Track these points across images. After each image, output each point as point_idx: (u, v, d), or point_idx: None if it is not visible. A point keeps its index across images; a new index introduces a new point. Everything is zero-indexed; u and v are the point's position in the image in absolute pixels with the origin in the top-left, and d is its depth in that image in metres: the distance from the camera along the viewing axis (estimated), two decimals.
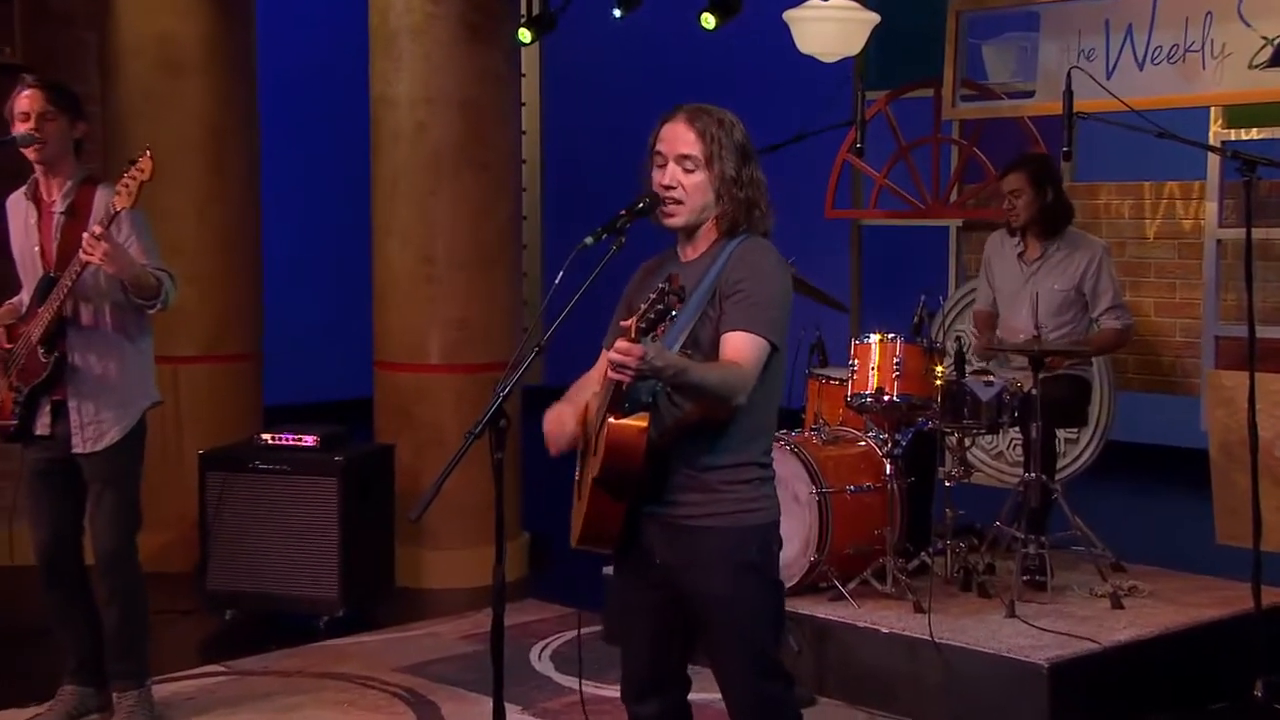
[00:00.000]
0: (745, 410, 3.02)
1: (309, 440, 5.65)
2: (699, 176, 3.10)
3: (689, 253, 3.19)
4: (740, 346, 3.00)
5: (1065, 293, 5.53)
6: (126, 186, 4.12)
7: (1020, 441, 5.62)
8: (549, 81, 10.76)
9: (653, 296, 2.85)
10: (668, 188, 3.11)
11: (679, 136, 3.11)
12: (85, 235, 4.10)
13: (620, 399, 2.93)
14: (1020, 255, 5.67)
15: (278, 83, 8.08)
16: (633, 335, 2.85)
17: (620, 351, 2.83)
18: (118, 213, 4.12)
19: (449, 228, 6.22)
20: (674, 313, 2.88)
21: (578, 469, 3.24)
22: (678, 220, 3.13)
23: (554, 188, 10.79)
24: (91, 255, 4.08)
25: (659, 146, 3.14)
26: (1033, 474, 5.13)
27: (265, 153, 6.85)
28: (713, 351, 3.03)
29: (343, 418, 6.32)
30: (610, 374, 2.90)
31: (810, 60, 6.57)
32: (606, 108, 10.56)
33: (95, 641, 4.48)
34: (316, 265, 10.11)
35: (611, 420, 2.94)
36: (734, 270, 3.06)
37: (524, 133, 7.64)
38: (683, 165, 3.11)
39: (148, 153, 4.13)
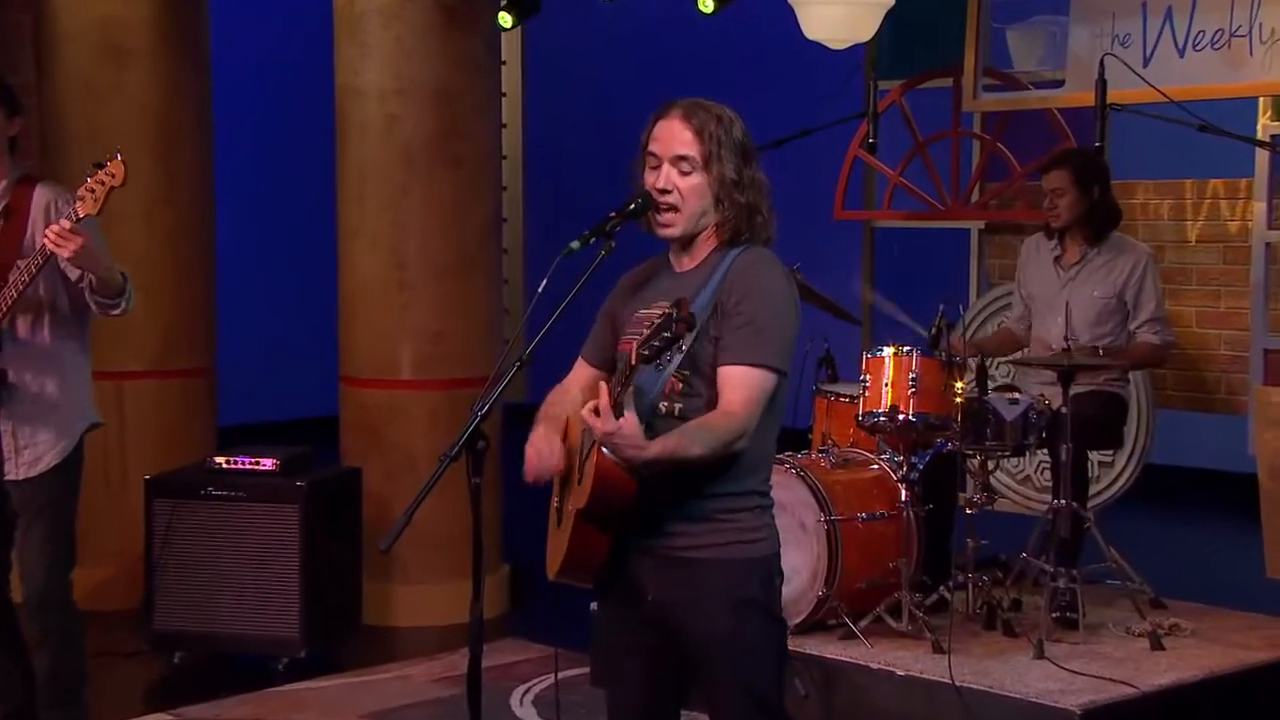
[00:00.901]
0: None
1: (267, 464, 5.64)
2: (696, 179, 3.09)
3: (684, 262, 3.17)
4: (740, 385, 2.99)
5: (1106, 300, 5.53)
6: (92, 192, 4.12)
7: (1049, 465, 5.63)
8: (532, 70, 10.76)
9: (658, 320, 2.84)
10: (663, 191, 3.10)
11: (675, 135, 3.10)
12: (54, 227, 4.10)
13: (622, 413, 2.91)
14: (1057, 259, 5.67)
15: (233, 71, 8.08)
16: (633, 362, 2.83)
17: (601, 430, 2.82)
18: (80, 220, 4.12)
19: (422, 230, 6.21)
20: (682, 342, 2.87)
21: (555, 494, 3.24)
22: (674, 230, 3.12)
23: (537, 186, 10.78)
24: (61, 247, 4.07)
25: (652, 146, 3.13)
26: (1063, 500, 5.13)
27: (219, 148, 6.85)
28: (713, 373, 3.04)
29: (305, 439, 6.31)
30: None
31: (817, 47, 6.57)
32: (595, 99, 10.57)
33: (27, 688, 4.44)
34: (276, 271, 10.09)
35: (602, 453, 2.94)
36: (735, 286, 3.05)
37: (504, 126, 7.64)
38: (679, 167, 3.10)
39: (118, 156, 4.13)
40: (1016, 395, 5.24)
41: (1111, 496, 6.37)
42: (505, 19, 6.42)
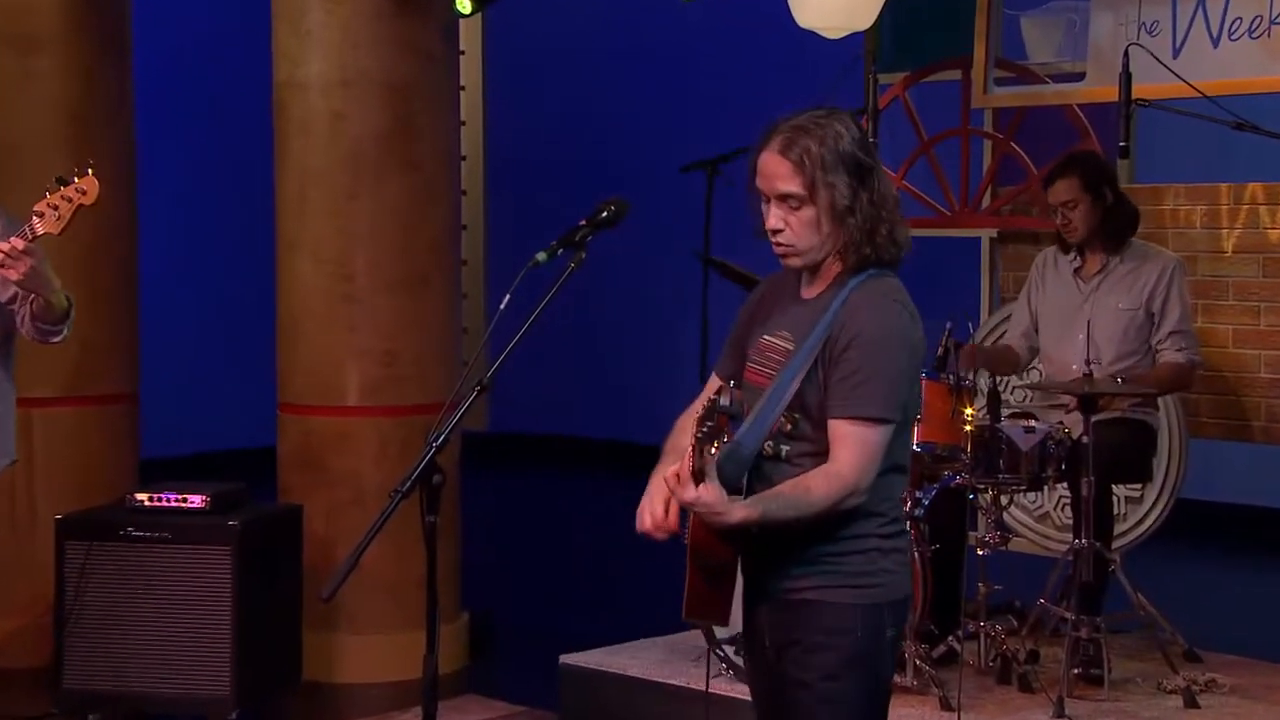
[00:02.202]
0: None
1: (195, 501, 5.64)
2: (806, 214, 3.19)
3: (810, 288, 3.29)
4: (848, 442, 3.12)
5: (1131, 313, 5.59)
6: (55, 209, 4.15)
7: (1069, 500, 5.67)
8: (494, 61, 10.80)
9: (706, 406, 2.99)
10: (775, 231, 3.22)
11: (774, 172, 3.19)
12: (2, 246, 4.12)
13: (702, 480, 3.03)
14: (1077, 272, 5.74)
15: (157, 61, 8.11)
16: (690, 445, 2.98)
17: (681, 500, 3.00)
18: (35, 239, 4.16)
19: (371, 240, 6.24)
20: (725, 435, 3.01)
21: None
22: (796, 263, 3.25)
23: (500, 191, 10.81)
24: (10, 269, 4.10)
25: (758, 181, 3.23)
26: (1085, 540, 5.18)
27: (142, 148, 6.86)
28: (822, 417, 3.16)
29: (239, 473, 6.32)
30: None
31: (812, 36, 6.63)
32: (565, 94, 10.62)
33: None
34: (206, 286, 10.11)
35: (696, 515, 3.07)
36: (846, 326, 3.16)
37: (463, 123, 7.66)
38: (785, 205, 3.20)
39: (90, 171, 4.17)
40: (1033, 423, 5.29)
41: (1139, 536, 6.41)
42: (464, 4, 6.42)
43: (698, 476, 2.97)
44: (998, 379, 5.59)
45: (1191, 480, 6.46)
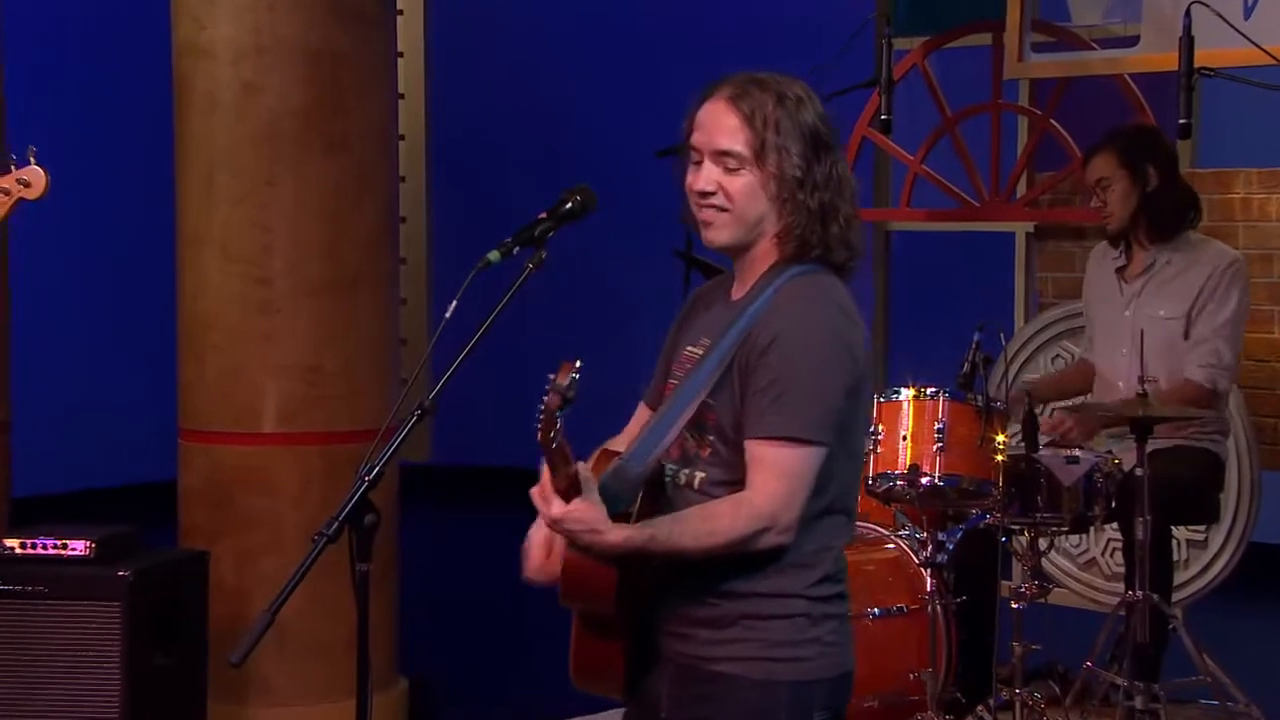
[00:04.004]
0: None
1: (78, 547, 5.62)
2: (745, 179, 3.17)
3: (739, 288, 3.26)
4: (765, 466, 3.07)
5: (1176, 322, 5.60)
6: None
7: (1120, 544, 5.68)
8: (438, 24, 10.80)
9: (544, 405, 2.94)
10: (704, 194, 3.18)
11: (718, 124, 3.18)
12: None
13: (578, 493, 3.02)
14: (1120, 271, 5.75)
15: (29, 24, 8.07)
16: (539, 441, 2.92)
17: (546, 517, 2.99)
18: None
19: (291, 235, 6.22)
20: (557, 418, 2.93)
21: None
22: (719, 234, 3.20)
23: (445, 177, 10.80)
24: None
25: (694, 137, 3.21)
26: (1140, 592, 5.19)
27: (12, 129, 6.84)
28: (738, 436, 3.12)
29: (131, 513, 6.29)
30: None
31: None
32: (523, 62, 10.61)
33: None
34: (92, 292, 10.08)
35: (569, 549, 3.06)
36: (766, 325, 3.12)
37: (401, 97, 7.66)
38: (723, 164, 3.18)
39: (32, 160, 4.17)
40: (1077, 452, 5.30)
41: (1205, 587, 6.43)
42: None
43: (570, 488, 2.93)
44: (1034, 402, 5.57)
45: (1266, 521, 6.48)
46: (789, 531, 3.07)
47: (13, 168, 4.20)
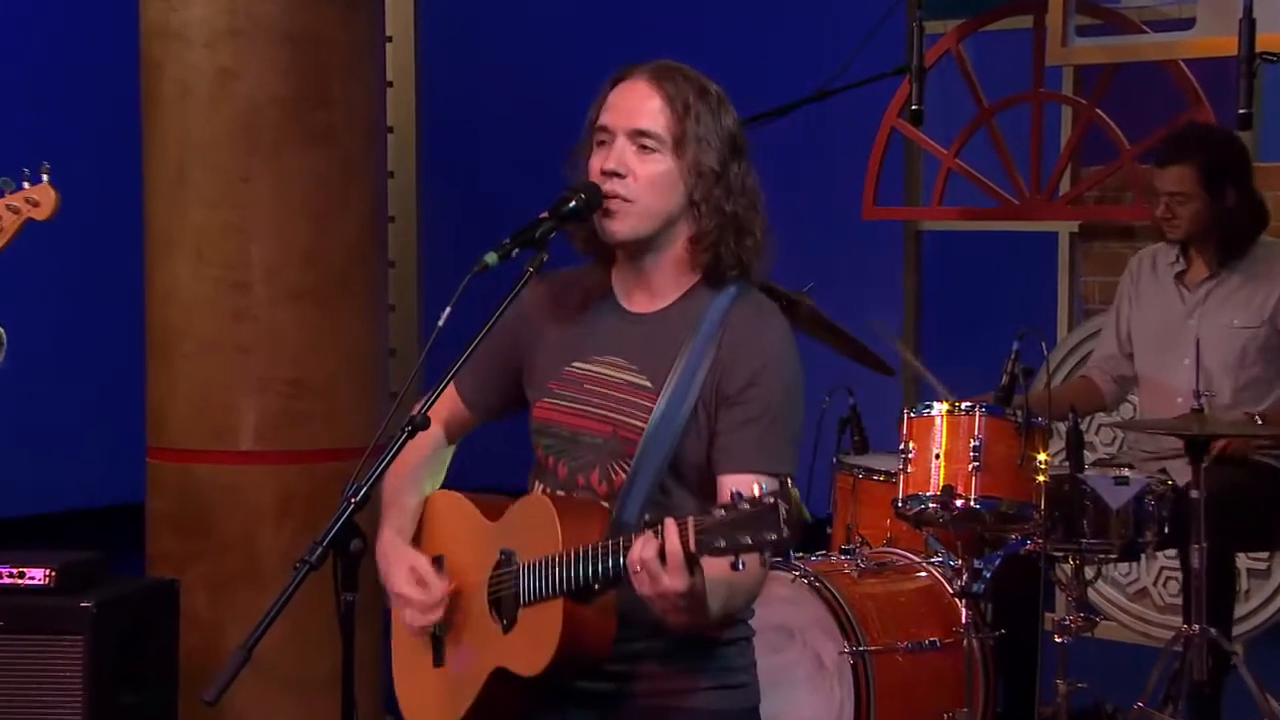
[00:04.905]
0: None
1: (37, 576, 5.62)
2: (660, 164, 3.16)
3: (641, 298, 3.24)
4: None
5: (1251, 332, 5.60)
6: None
7: (1175, 573, 5.67)
8: (429, 6, 10.81)
9: (749, 511, 2.80)
10: (610, 174, 3.17)
11: (636, 104, 3.17)
12: None
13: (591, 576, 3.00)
14: (1180, 276, 5.75)
15: None
16: (693, 549, 2.83)
17: (669, 588, 2.85)
18: None
19: (271, 235, 6.22)
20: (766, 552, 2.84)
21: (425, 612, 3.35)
22: (622, 227, 3.18)
23: (437, 173, 10.81)
24: None
25: (604, 118, 3.20)
26: (1197, 625, 5.18)
27: None
28: (698, 476, 3.14)
29: (95, 539, 6.29)
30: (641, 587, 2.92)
31: None
32: (522, 47, 10.61)
33: None
34: (51, 299, 10.08)
35: (571, 604, 3.04)
36: (740, 354, 3.12)
37: (390, 84, 7.66)
38: (638, 143, 3.17)
39: (45, 178, 4.20)
40: (1126, 472, 5.30)
41: (1268, 619, 6.42)
42: None
43: (692, 559, 2.86)
44: (1079, 418, 5.57)
45: None
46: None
47: (26, 184, 4.25)
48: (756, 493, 2.77)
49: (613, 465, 3.19)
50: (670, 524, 2.84)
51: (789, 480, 3.06)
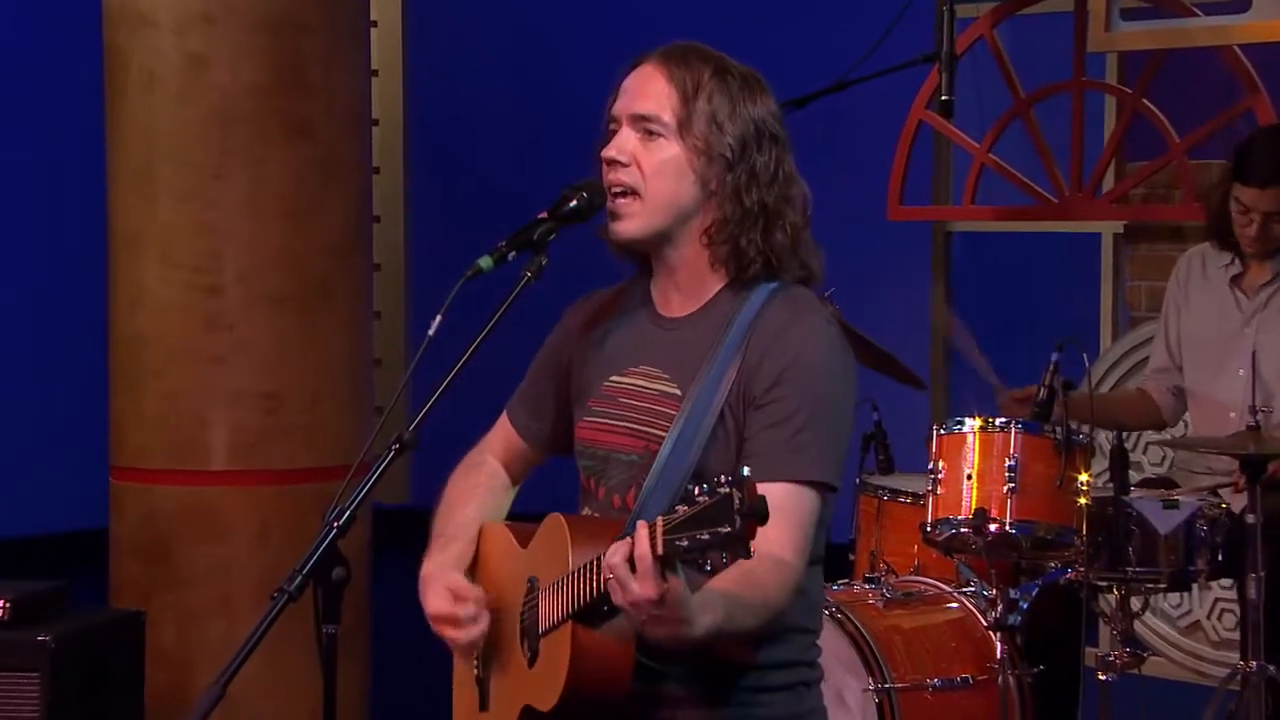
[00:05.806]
0: None
1: None
2: (664, 150, 3.15)
3: (674, 301, 3.23)
4: (784, 512, 2.99)
5: None
6: None
7: (1230, 605, 5.66)
8: None
9: (703, 503, 2.74)
10: (611, 162, 3.17)
11: (639, 87, 3.17)
12: None
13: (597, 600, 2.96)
14: (1235, 281, 5.74)
15: None
16: (659, 551, 2.78)
17: (639, 595, 2.79)
18: None
19: (245, 236, 6.23)
20: (726, 553, 2.79)
21: (474, 662, 3.34)
22: (629, 225, 3.17)
23: (427, 170, 10.82)
24: None
25: (616, 105, 3.20)
26: (1254, 662, 5.17)
27: None
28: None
29: (54, 567, 6.30)
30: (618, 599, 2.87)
31: None
32: (519, 34, 10.60)
33: None
34: (6, 305, 10.07)
35: (582, 630, 3.00)
36: (770, 352, 3.09)
37: (375, 74, 7.67)
38: (641, 128, 3.16)
39: None
40: (1176, 495, 5.29)
41: None
42: None
43: (669, 563, 2.80)
44: (1124, 435, 5.57)
45: None
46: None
47: None
48: (721, 482, 2.71)
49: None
50: (640, 526, 2.79)
51: (827, 492, 3.07)
